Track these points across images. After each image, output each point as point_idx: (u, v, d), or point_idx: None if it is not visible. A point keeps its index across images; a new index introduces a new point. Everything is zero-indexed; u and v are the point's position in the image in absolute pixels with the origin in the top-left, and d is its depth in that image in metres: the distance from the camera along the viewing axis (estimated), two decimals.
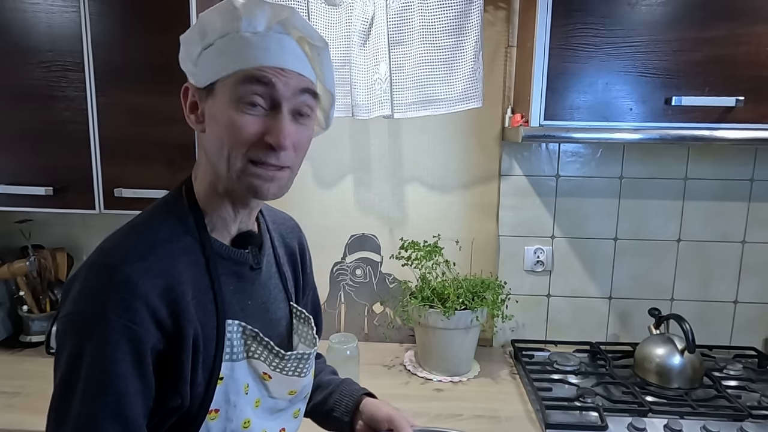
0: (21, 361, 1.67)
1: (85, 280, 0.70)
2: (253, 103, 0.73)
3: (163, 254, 0.74)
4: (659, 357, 1.51)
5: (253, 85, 0.73)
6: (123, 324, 0.68)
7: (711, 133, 1.35)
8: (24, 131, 1.48)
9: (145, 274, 0.70)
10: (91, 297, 0.69)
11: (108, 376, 0.68)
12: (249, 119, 0.73)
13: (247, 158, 0.74)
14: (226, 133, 0.73)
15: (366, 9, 1.58)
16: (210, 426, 0.77)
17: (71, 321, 0.70)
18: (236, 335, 0.79)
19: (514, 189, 1.76)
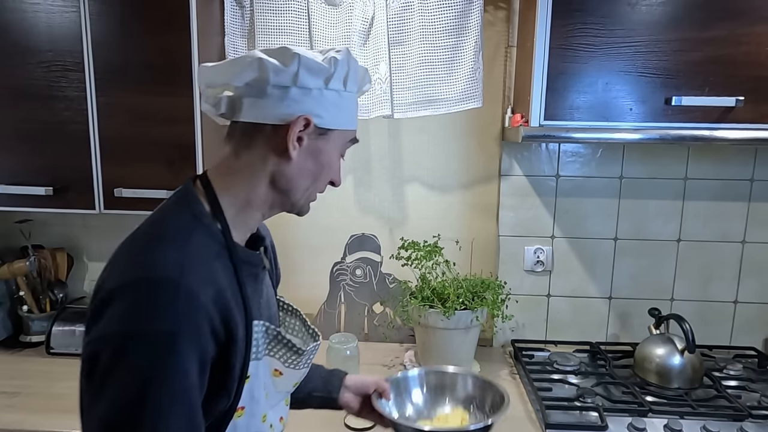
0: (21, 361, 1.67)
1: (143, 296, 0.68)
2: (341, 159, 0.89)
3: (205, 263, 0.75)
4: (659, 357, 1.51)
5: (351, 144, 0.90)
6: (192, 337, 0.69)
7: (711, 133, 1.35)
8: (24, 131, 1.48)
9: (201, 284, 0.71)
10: (157, 313, 0.67)
11: (183, 389, 0.68)
12: (334, 169, 0.88)
13: (314, 194, 0.89)
14: (324, 172, 0.85)
15: (366, 9, 1.58)
16: (237, 424, 0.81)
17: (131, 340, 0.67)
18: (260, 335, 0.83)
19: (514, 189, 1.76)
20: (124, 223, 1.84)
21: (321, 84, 0.80)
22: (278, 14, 1.60)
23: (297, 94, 0.79)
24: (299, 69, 0.78)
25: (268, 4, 1.59)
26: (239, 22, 1.64)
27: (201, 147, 1.47)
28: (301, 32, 1.61)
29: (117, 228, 1.86)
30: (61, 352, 1.69)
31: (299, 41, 1.62)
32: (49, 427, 1.31)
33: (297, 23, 1.60)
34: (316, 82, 0.80)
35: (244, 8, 1.62)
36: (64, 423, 1.33)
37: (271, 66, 0.77)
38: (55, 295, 1.82)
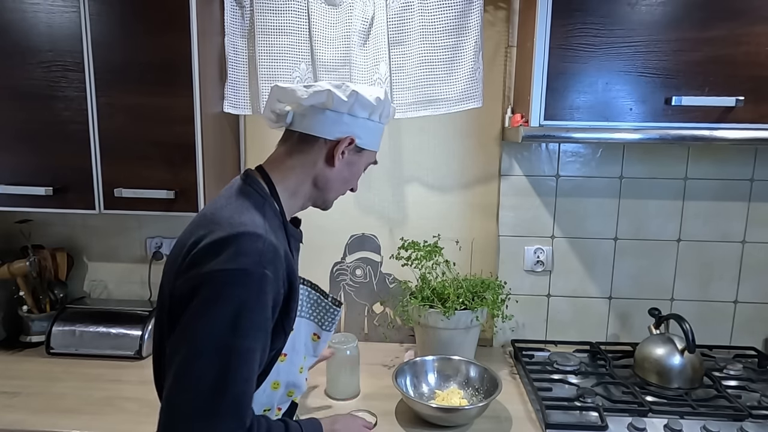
0: (21, 361, 1.67)
1: (241, 244, 0.86)
2: (363, 172, 1.12)
3: (276, 229, 0.95)
4: (659, 357, 1.51)
5: (372, 164, 1.13)
6: (274, 279, 0.88)
7: (711, 133, 1.35)
8: (24, 131, 1.48)
9: (277, 241, 0.91)
10: (251, 257, 0.86)
11: (263, 317, 0.87)
12: (357, 178, 1.12)
13: (340, 195, 1.11)
14: (352, 179, 1.09)
15: (366, 9, 1.58)
16: (280, 367, 1.01)
17: (234, 275, 0.84)
18: (305, 297, 1.10)
19: (514, 189, 1.76)
20: (124, 223, 1.86)
21: (366, 115, 1.03)
22: (278, 14, 1.60)
23: (348, 119, 1.02)
24: (354, 102, 1.00)
25: (268, 4, 1.59)
26: (239, 22, 1.64)
27: (201, 147, 1.47)
28: (301, 32, 1.61)
29: (117, 228, 1.87)
30: (61, 352, 1.69)
31: (299, 41, 1.62)
32: (49, 427, 1.31)
33: (297, 23, 1.60)
34: (363, 113, 1.03)
35: (244, 8, 1.62)
36: (64, 423, 1.33)
37: (337, 98, 0.99)
38: (55, 295, 1.82)
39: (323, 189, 1.06)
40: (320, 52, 1.62)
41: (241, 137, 1.80)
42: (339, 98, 0.99)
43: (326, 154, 1.03)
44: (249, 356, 0.85)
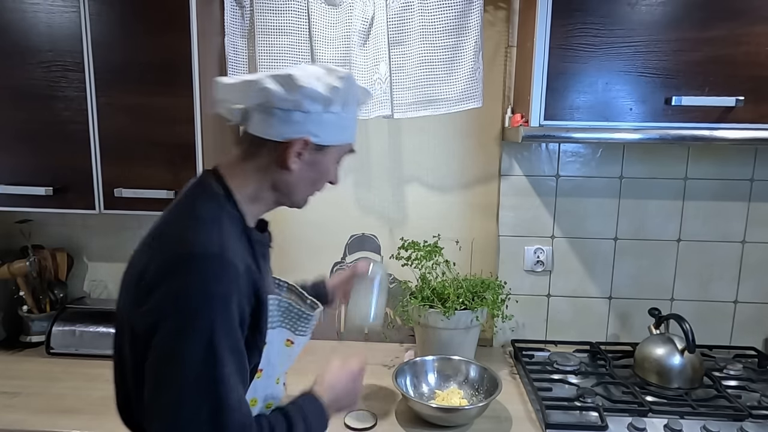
0: (21, 361, 1.67)
1: (195, 268, 0.80)
2: (338, 164, 1.01)
3: (235, 241, 0.87)
4: (659, 357, 1.51)
5: (348, 155, 1.02)
6: (237, 299, 0.82)
7: (711, 133, 1.35)
8: (24, 131, 1.48)
9: (236, 258, 0.84)
10: (212, 281, 0.80)
11: (234, 339, 0.82)
12: (333, 173, 1.01)
13: (316, 192, 1.01)
14: (321, 178, 0.98)
15: (366, 9, 1.58)
16: (256, 384, 0.95)
17: (193, 303, 0.79)
18: (275, 307, 0.97)
19: (514, 189, 1.76)
20: (124, 223, 1.86)
21: (320, 109, 0.90)
22: (278, 14, 1.60)
23: (299, 116, 0.89)
24: (301, 97, 0.87)
25: (268, 4, 1.59)
26: (239, 22, 1.64)
27: (201, 147, 1.47)
28: (301, 32, 1.61)
29: (117, 228, 1.87)
30: (61, 352, 1.69)
31: (299, 41, 1.62)
32: (49, 427, 1.31)
33: (297, 23, 1.60)
34: (316, 107, 0.90)
35: (244, 8, 1.62)
36: (64, 423, 1.33)
37: (276, 94, 0.87)
38: (55, 295, 1.82)
39: (287, 193, 0.97)
40: (320, 52, 1.61)
41: None
42: (280, 94, 0.87)
43: (278, 158, 0.92)
44: (234, 379, 0.81)
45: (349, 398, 1.05)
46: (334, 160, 0.99)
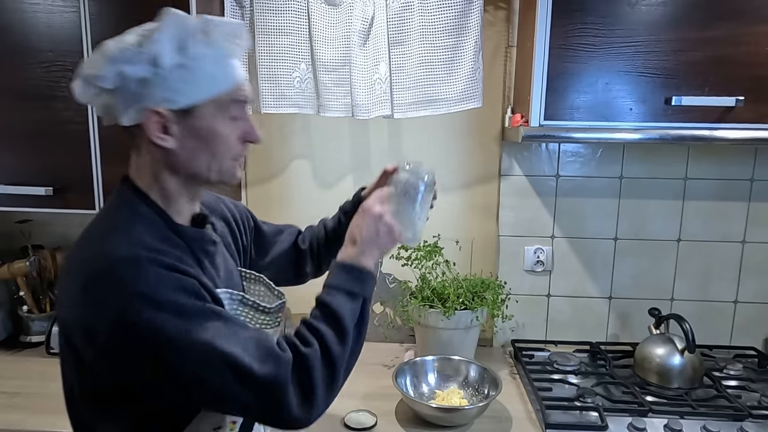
0: (21, 361, 1.67)
1: (107, 279, 0.74)
2: (239, 118, 0.86)
3: (153, 241, 0.80)
4: (659, 357, 1.51)
5: (239, 104, 0.85)
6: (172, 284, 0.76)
7: (711, 133, 1.35)
8: (24, 131, 1.48)
9: (155, 253, 0.77)
10: (128, 284, 0.73)
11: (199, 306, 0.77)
12: (234, 130, 0.86)
13: (233, 158, 0.87)
14: (216, 142, 0.83)
15: (366, 9, 1.58)
16: None
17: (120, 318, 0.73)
18: (227, 302, 0.89)
19: (514, 189, 1.76)
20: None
21: (149, 69, 0.76)
22: (278, 14, 1.60)
23: (133, 89, 0.77)
24: (116, 69, 0.76)
25: (268, 4, 1.59)
26: None
27: None
28: (301, 32, 1.61)
29: None
30: None
31: (299, 41, 1.62)
32: (49, 427, 1.31)
33: (297, 23, 1.60)
34: (143, 69, 0.76)
35: (244, 8, 1.62)
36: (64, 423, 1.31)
37: (90, 78, 0.78)
38: (56, 295, 1.82)
39: (190, 173, 0.85)
40: (320, 52, 1.61)
41: None
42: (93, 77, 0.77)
43: (148, 142, 0.82)
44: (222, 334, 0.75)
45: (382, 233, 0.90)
46: (221, 117, 0.83)
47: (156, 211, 0.85)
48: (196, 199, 0.92)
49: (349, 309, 0.85)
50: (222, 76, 0.82)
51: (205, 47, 0.79)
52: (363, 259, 0.89)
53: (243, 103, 0.86)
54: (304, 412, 0.77)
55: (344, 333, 0.83)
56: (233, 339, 0.75)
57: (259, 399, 0.76)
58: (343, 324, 0.83)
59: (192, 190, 0.89)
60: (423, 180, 1.01)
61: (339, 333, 0.83)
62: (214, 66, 0.81)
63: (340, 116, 1.65)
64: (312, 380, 0.78)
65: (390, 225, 0.91)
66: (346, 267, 0.89)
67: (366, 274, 0.89)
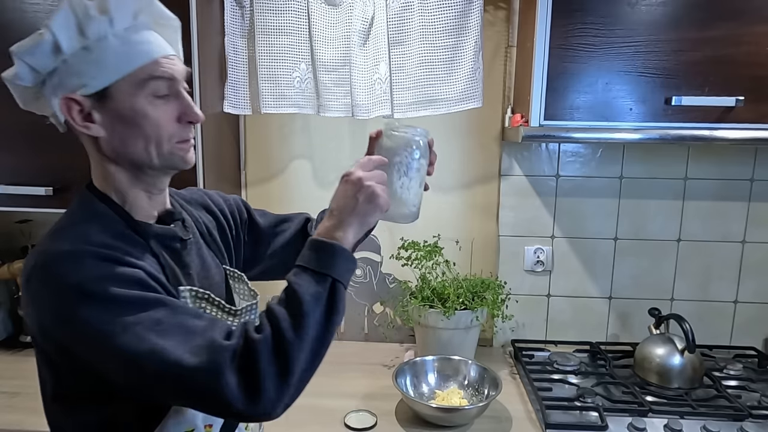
0: (21, 361, 1.67)
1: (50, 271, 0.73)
2: (163, 95, 0.80)
3: (105, 237, 0.78)
4: (659, 357, 1.51)
5: (158, 80, 0.79)
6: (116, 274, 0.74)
7: (711, 133, 1.35)
8: (24, 131, 1.48)
9: (101, 247, 0.75)
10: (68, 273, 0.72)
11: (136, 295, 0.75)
12: (166, 110, 0.81)
13: (173, 141, 0.82)
14: (151, 127, 0.80)
15: (366, 9, 1.58)
16: None
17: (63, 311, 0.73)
18: (190, 300, 0.86)
19: (514, 189, 1.76)
20: None
21: (54, 58, 0.76)
22: (278, 14, 1.60)
23: (48, 82, 0.78)
24: (24, 65, 0.76)
25: (268, 4, 1.59)
26: (239, 22, 1.63)
27: (201, 147, 1.47)
28: (301, 32, 1.61)
29: None
30: None
31: (299, 41, 1.62)
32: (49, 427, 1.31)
33: (297, 23, 1.60)
34: (48, 59, 0.76)
35: (244, 8, 1.62)
36: None
37: (11, 78, 0.78)
38: None
39: (131, 161, 0.82)
40: (320, 52, 1.62)
41: (241, 137, 1.80)
42: (11, 77, 0.78)
43: (81, 136, 0.82)
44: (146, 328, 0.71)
45: (361, 201, 0.82)
46: (142, 96, 0.78)
47: (114, 210, 0.83)
48: (154, 191, 0.87)
49: (312, 291, 0.75)
50: (132, 53, 0.77)
51: (105, 25, 0.76)
52: (337, 233, 0.80)
53: (166, 79, 0.80)
54: (251, 403, 0.70)
55: (302, 317, 0.73)
56: (172, 330, 0.72)
57: (192, 391, 0.72)
58: (302, 308, 0.73)
59: (145, 181, 0.85)
60: (414, 143, 0.90)
61: (296, 317, 0.73)
62: (119, 43, 0.77)
63: (340, 116, 1.65)
64: (257, 369, 0.70)
65: (371, 190, 0.81)
66: (316, 244, 0.79)
67: (337, 250, 0.78)
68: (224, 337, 0.73)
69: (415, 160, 0.90)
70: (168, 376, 0.71)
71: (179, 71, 0.83)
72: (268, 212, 1.19)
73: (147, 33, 0.80)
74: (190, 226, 0.95)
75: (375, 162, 0.87)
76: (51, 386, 0.83)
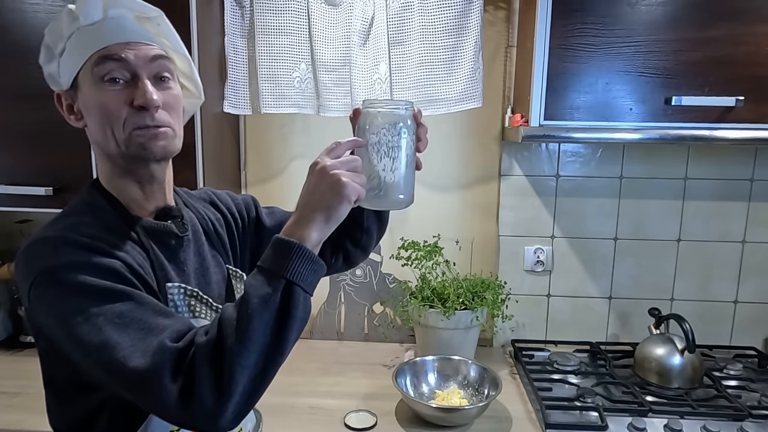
0: (21, 361, 1.67)
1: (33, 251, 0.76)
2: (113, 78, 0.80)
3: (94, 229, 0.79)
4: (659, 357, 1.51)
5: (106, 63, 0.79)
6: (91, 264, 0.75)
7: (711, 133, 1.35)
8: (24, 131, 1.48)
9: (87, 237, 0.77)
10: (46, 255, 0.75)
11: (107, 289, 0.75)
12: (114, 93, 0.80)
13: (129, 128, 0.81)
14: (103, 113, 0.80)
15: (366, 9, 1.58)
16: None
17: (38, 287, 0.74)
18: (178, 296, 0.85)
19: (514, 189, 1.76)
20: None
21: (52, 63, 0.85)
22: (278, 14, 1.60)
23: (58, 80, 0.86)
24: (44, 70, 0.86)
25: (268, 4, 1.59)
26: (239, 22, 1.64)
27: (201, 147, 1.47)
28: (301, 32, 1.61)
29: None
30: None
31: (299, 41, 1.62)
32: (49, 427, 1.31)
33: (297, 23, 1.60)
34: (50, 66, 0.85)
35: (244, 8, 1.62)
36: None
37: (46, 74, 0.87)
38: None
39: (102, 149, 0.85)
40: (320, 52, 1.62)
41: (241, 137, 1.80)
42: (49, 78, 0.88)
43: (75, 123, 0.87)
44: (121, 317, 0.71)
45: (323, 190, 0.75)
46: (93, 83, 0.80)
47: (111, 203, 0.85)
48: (145, 183, 0.87)
49: (263, 293, 0.69)
50: (90, 41, 0.80)
51: (76, 22, 0.81)
52: (299, 231, 0.73)
53: (114, 61, 0.79)
54: (186, 410, 0.67)
55: (247, 321, 0.67)
56: (131, 325, 0.70)
57: (134, 390, 0.70)
58: (247, 310, 0.68)
59: (130, 171, 0.85)
60: (396, 118, 0.79)
61: (241, 321, 0.68)
62: (85, 35, 0.81)
63: (340, 116, 1.65)
64: (193, 374, 0.67)
65: (335, 179, 0.74)
66: (275, 242, 0.73)
67: (294, 249, 0.71)
68: (174, 338, 0.70)
69: (398, 137, 0.79)
70: (113, 371, 0.70)
71: (140, 56, 0.81)
72: (277, 210, 1.16)
73: (113, 25, 0.81)
74: (189, 224, 0.94)
75: (346, 145, 0.80)
76: (42, 372, 0.85)
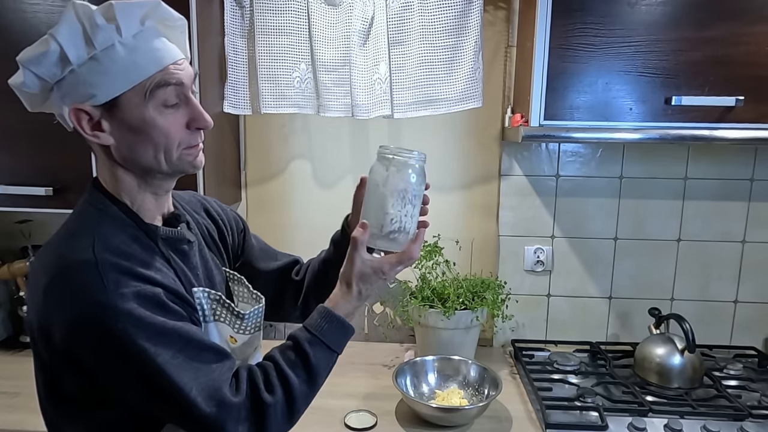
0: (21, 361, 1.67)
1: (67, 283, 0.74)
2: (173, 104, 0.80)
3: (118, 241, 0.79)
4: (659, 357, 1.51)
5: (167, 87, 0.78)
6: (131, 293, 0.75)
7: (711, 133, 1.35)
8: (24, 131, 1.48)
9: (118, 256, 0.76)
10: (85, 290, 0.73)
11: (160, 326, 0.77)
12: (176, 118, 0.80)
13: (182, 147, 0.82)
14: (161, 136, 0.79)
15: (366, 9, 1.58)
16: None
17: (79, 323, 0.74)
18: (203, 300, 0.89)
19: (514, 189, 1.76)
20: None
21: (61, 67, 0.75)
22: (278, 14, 1.60)
23: (56, 90, 0.78)
24: (29, 74, 0.77)
25: (268, 4, 1.59)
26: (239, 22, 1.64)
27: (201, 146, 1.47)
28: (301, 32, 1.61)
29: None
30: None
31: (299, 41, 1.62)
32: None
33: (297, 23, 1.60)
34: (55, 69, 0.76)
35: (244, 8, 1.62)
36: None
37: (18, 85, 0.78)
38: None
39: (140, 167, 0.82)
40: (320, 52, 1.62)
41: (241, 137, 1.80)
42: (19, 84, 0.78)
43: (87, 141, 0.81)
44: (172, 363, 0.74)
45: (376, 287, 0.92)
46: (152, 106, 0.78)
47: (125, 212, 0.84)
48: (161, 194, 0.88)
49: (327, 365, 0.86)
50: (140, 62, 0.76)
51: (113, 33, 0.74)
52: (352, 315, 0.90)
53: (175, 86, 0.79)
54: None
55: (315, 387, 0.85)
56: (186, 366, 0.75)
57: (194, 426, 0.77)
58: (317, 379, 0.84)
59: (153, 184, 0.85)
60: (416, 168, 0.89)
61: (311, 386, 0.84)
62: (127, 51, 0.75)
63: (340, 116, 1.65)
64: (267, 427, 0.79)
65: (387, 275, 0.93)
66: (337, 320, 0.87)
67: (350, 332, 0.90)
68: (233, 390, 0.77)
69: (422, 187, 0.90)
70: (177, 407, 0.75)
71: (187, 76, 0.82)
72: (263, 244, 1.19)
73: (155, 39, 0.78)
74: (193, 228, 0.96)
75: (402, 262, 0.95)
76: (44, 387, 0.84)
